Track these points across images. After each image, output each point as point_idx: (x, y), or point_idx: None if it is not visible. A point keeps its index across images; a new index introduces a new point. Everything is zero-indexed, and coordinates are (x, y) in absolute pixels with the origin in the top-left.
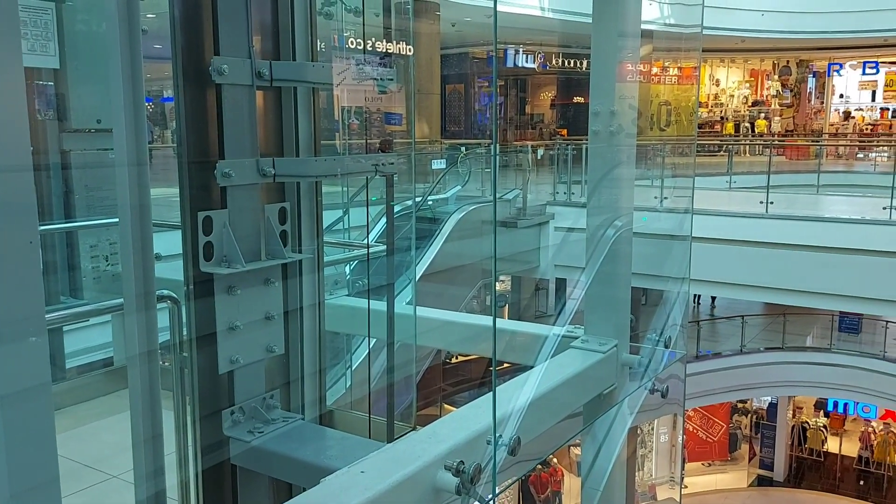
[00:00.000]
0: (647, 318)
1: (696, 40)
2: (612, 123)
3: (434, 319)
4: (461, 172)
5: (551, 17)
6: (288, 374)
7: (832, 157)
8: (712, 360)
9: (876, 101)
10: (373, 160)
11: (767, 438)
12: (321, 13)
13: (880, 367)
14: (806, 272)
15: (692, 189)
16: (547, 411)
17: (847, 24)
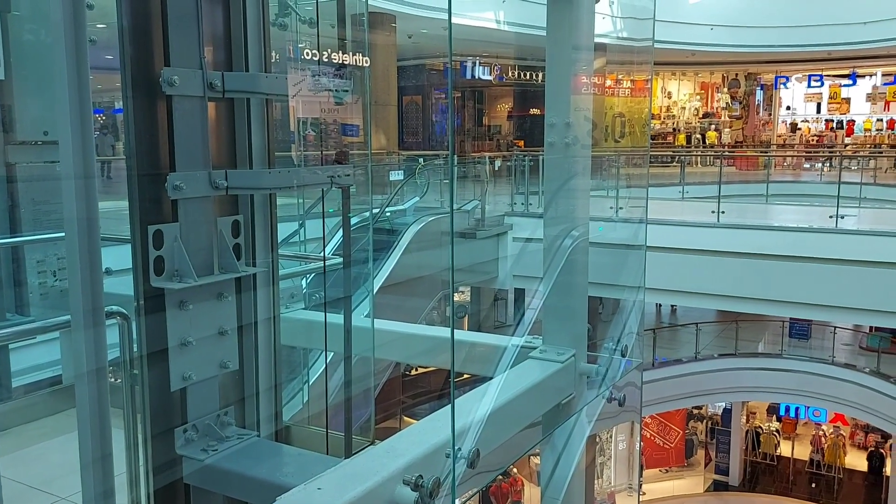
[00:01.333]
0: (604, 326)
1: (648, 53)
2: (567, 135)
3: (392, 332)
4: (419, 184)
5: (507, 29)
6: (243, 390)
7: (780, 168)
8: (668, 367)
9: (821, 113)
10: (329, 172)
11: (722, 444)
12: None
13: (829, 371)
14: (756, 280)
15: (646, 199)
16: (506, 422)
17: (792, 39)
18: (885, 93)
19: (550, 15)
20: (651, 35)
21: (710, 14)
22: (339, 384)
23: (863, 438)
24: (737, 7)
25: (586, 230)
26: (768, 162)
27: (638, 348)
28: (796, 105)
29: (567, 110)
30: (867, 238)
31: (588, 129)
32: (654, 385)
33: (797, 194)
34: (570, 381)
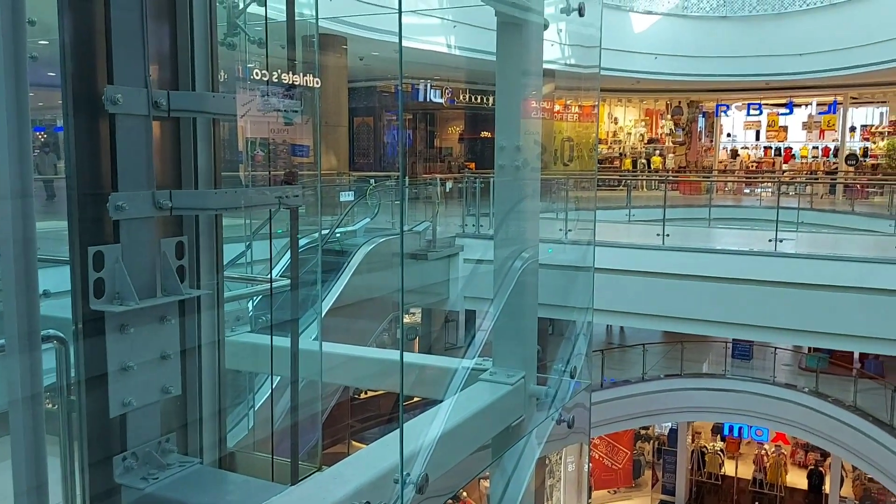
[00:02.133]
0: (553, 347)
1: (595, 80)
2: (517, 158)
3: (341, 355)
4: (370, 205)
5: (458, 54)
6: (185, 416)
7: (722, 193)
8: (617, 388)
9: (760, 140)
10: (277, 192)
11: (669, 464)
12: (224, 43)
13: (771, 391)
14: (700, 301)
15: (594, 222)
16: (456, 446)
17: (732, 69)
18: (820, 121)
19: (500, 41)
20: (598, 62)
21: (654, 44)
22: (285, 409)
23: (803, 457)
24: (680, 37)
25: (536, 252)
26: (711, 187)
27: (587, 369)
28: (737, 132)
29: (517, 134)
30: (805, 261)
31: (538, 152)
32: (603, 406)
33: (738, 218)
34: (519, 404)
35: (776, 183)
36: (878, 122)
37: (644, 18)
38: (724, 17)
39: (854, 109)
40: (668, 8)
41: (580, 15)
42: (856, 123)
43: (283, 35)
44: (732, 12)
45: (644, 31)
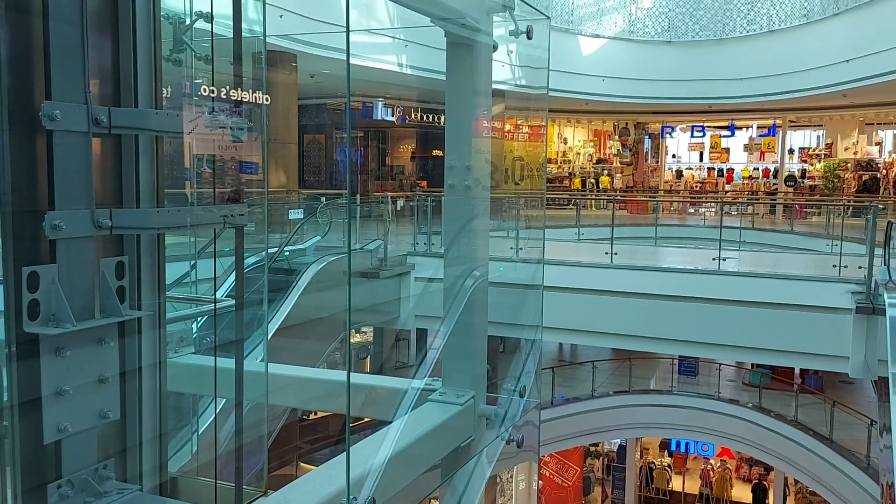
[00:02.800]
0: (504, 366)
1: (544, 100)
2: (466, 177)
3: (288, 376)
4: (321, 223)
5: (409, 73)
6: (125, 441)
7: (668, 212)
8: (567, 405)
9: (703, 161)
10: (222, 211)
11: (618, 480)
12: (169, 59)
13: (716, 407)
14: (647, 319)
15: (543, 240)
16: (405, 467)
17: (676, 92)
18: (760, 143)
19: (450, 61)
20: (546, 83)
21: (602, 66)
22: (230, 432)
23: (747, 471)
24: (626, 61)
25: (486, 271)
26: (656, 206)
27: (536, 388)
28: (681, 153)
29: (466, 153)
30: (746, 279)
31: (488, 171)
32: (553, 423)
33: (683, 237)
34: (469, 424)
35: (719, 203)
36: (815, 145)
37: (592, 41)
38: (668, 42)
39: (792, 132)
40: (615, 32)
41: (528, 38)
42: (794, 146)
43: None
44: (677, 37)
45: (592, 53)
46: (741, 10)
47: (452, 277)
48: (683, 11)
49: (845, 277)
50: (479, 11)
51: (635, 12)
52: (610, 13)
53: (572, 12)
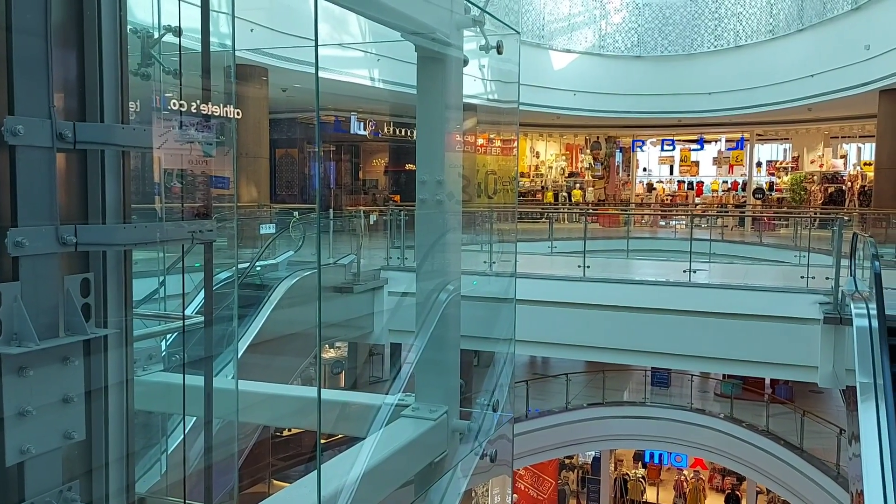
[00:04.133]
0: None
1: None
2: (438, 192)
3: (260, 393)
4: (294, 237)
5: (382, 87)
6: (90, 462)
7: (639, 225)
8: (541, 418)
9: (674, 174)
10: (191, 227)
11: (593, 492)
12: (137, 73)
13: (688, 418)
14: (620, 331)
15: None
16: (378, 484)
17: (646, 106)
18: (729, 157)
19: (421, 75)
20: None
21: (573, 81)
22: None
23: (720, 482)
24: (597, 75)
25: (458, 285)
26: (628, 219)
27: (509, 402)
28: (652, 167)
29: (438, 168)
30: (717, 291)
31: (459, 186)
32: (528, 436)
33: (655, 250)
34: (442, 439)
35: (689, 216)
36: (782, 158)
37: (563, 56)
38: (638, 57)
39: (760, 146)
40: (586, 47)
41: (499, 52)
42: (762, 159)
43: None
44: (646, 52)
45: (563, 68)
46: (709, 26)
47: (424, 292)
48: (653, 27)
49: (813, 288)
50: (450, 26)
51: (605, 27)
52: (580, 28)
53: (543, 27)
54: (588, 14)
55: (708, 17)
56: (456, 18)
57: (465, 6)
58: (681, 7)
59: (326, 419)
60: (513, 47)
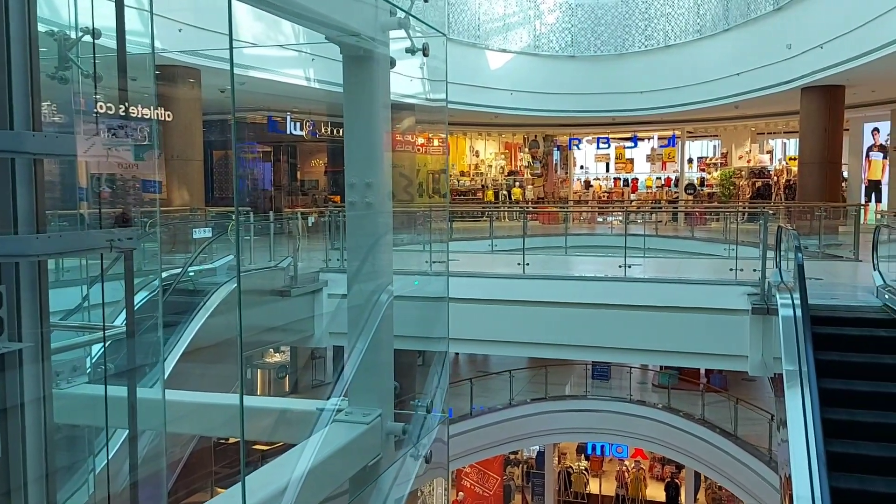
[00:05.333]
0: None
1: (443, 114)
2: (367, 194)
3: (194, 403)
4: (232, 241)
5: (317, 87)
6: (8, 482)
7: (577, 222)
8: (485, 415)
9: (610, 171)
10: (108, 235)
11: (538, 486)
12: (55, 77)
13: (628, 409)
14: (560, 326)
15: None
16: (310, 490)
17: (581, 105)
18: (662, 154)
19: (347, 77)
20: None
21: (510, 80)
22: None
23: (660, 471)
24: (533, 75)
25: (390, 287)
26: (566, 217)
27: (443, 402)
28: (589, 164)
29: (367, 170)
30: (651, 285)
31: (390, 187)
32: (473, 434)
33: (592, 246)
34: (376, 442)
35: (624, 212)
36: (711, 154)
37: (499, 56)
38: (572, 57)
39: (691, 143)
40: (521, 47)
41: (424, 54)
42: (693, 155)
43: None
44: (580, 52)
45: (499, 67)
46: (639, 26)
47: (355, 296)
48: (585, 27)
49: (742, 280)
50: (374, 28)
51: (540, 28)
52: (515, 28)
53: (479, 27)
54: (522, 14)
55: (638, 17)
56: (381, 20)
57: (390, 9)
58: (612, 8)
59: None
60: (439, 49)
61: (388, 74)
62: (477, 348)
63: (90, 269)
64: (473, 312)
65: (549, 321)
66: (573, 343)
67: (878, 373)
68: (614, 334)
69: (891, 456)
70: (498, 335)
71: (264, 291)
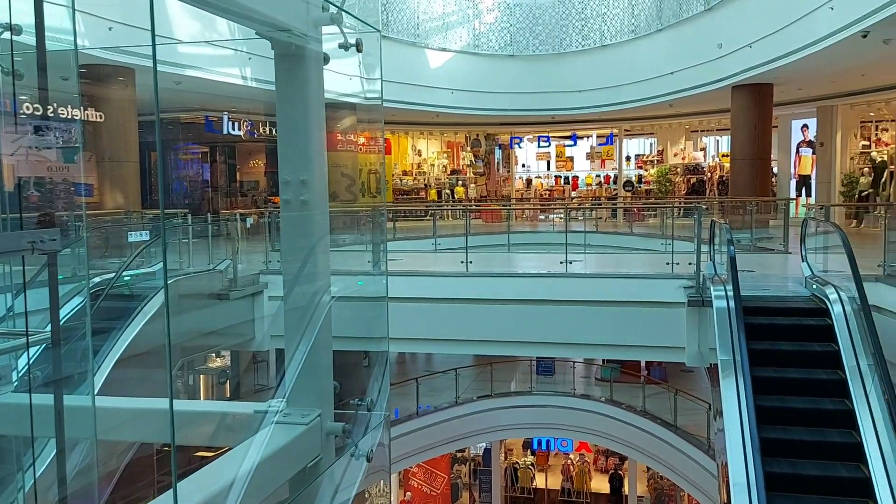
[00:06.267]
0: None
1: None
2: (303, 192)
3: (128, 410)
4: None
5: (255, 86)
6: None
7: (520, 220)
8: (431, 414)
9: (550, 169)
10: (29, 236)
11: (485, 483)
12: None
13: (572, 403)
14: (504, 323)
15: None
16: (248, 494)
17: (521, 104)
18: (601, 152)
19: (279, 73)
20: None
21: (450, 79)
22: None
23: (604, 463)
24: (473, 74)
25: (327, 287)
26: (509, 214)
27: (385, 401)
28: (530, 163)
29: (301, 167)
30: (592, 280)
31: (325, 185)
32: (419, 433)
33: (535, 243)
34: (315, 443)
35: (566, 209)
36: (648, 152)
37: (439, 55)
38: (511, 56)
39: (628, 141)
40: (461, 46)
41: (358, 50)
42: (630, 153)
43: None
44: (518, 51)
45: (440, 66)
46: (576, 26)
47: (291, 296)
48: (524, 27)
49: (678, 274)
50: (306, 24)
51: (479, 27)
52: (455, 27)
53: (418, 26)
54: (461, 13)
55: (575, 17)
56: (313, 15)
57: (322, 4)
58: (549, 8)
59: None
60: (374, 45)
61: (321, 70)
62: (422, 347)
63: (23, 273)
64: (418, 311)
65: (493, 318)
66: (517, 339)
67: (807, 360)
68: (557, 330)
69: (820, 440)
70: (443, 334)
71: (202, 295)
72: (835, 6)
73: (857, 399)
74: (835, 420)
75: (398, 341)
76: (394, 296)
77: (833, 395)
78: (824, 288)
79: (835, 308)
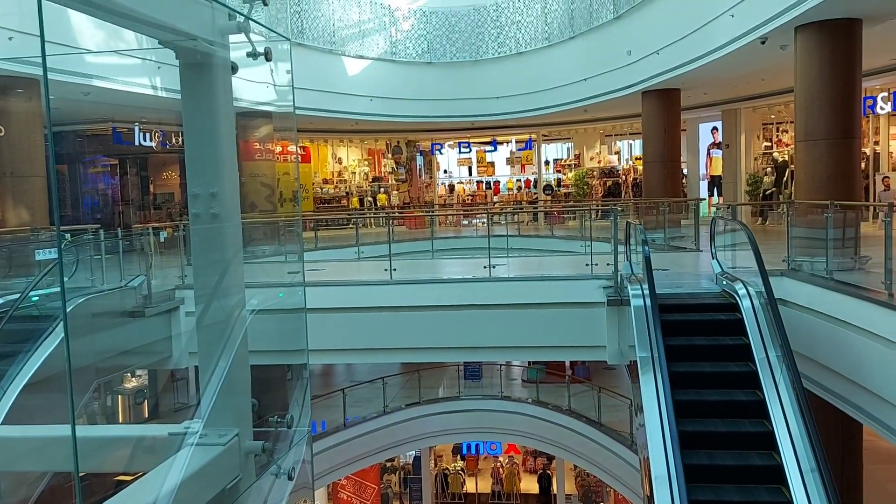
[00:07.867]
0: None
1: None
2: (212, 205)
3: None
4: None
5: (165, 95)
6: None
7: (444, 225)
8: (359, 425)
9: (472, 175)
10: None
11: (415, 491)
12: None
13: (500, 406)
14: (430, 330)
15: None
16: None
17: (440, 111)
18: (520, 157)
19: (184, 83)
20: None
21: (369, 86)
22: None
23: (533, 463)
24: (392, 81)
25: (242, 302)
26: (432, 220)
27: (308, 416)
28: (452, 168)
29: (210, 179)
30: (515, 283)
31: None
32: (347, 445)
33: (459, 248)
34: (234, 464)
35: (488, 214)
36: (566, 156)
37: (356, 62)
38: (429, 63)
39: (546, 145)
40: (378, 53)
41: (267, 59)
42: (549, 158)
43: None
44: (436, 59)
45: (357, 74)
46: (492, 34)
47: (203, 313)
48: (440, 34)
49: (597, 274)
50: (212, 32)
51: (396, 34)
52: (372, 34)
53: (335, 33)
54: (378, 21)
55: (490, 25)
56: (219, 24)
57: (228, 12)
58: (465, 15)
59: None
60: (284, 54)
61: (229, 80)
62: (348, 357)
63: None
64: (342, 321)
65: (419, 325)
66: (443, 345)
67: (720, 354)
68: (482, 334)
69: (735, 430)
70: (368, 343)
71: (116, 313)
72: (735, 14)
73: (767, 389)
74: (748, 411)
75: (322, 353)
76: (317, 306)
77: (745, 386)
78: (733, 284)
79: (744, 303)
